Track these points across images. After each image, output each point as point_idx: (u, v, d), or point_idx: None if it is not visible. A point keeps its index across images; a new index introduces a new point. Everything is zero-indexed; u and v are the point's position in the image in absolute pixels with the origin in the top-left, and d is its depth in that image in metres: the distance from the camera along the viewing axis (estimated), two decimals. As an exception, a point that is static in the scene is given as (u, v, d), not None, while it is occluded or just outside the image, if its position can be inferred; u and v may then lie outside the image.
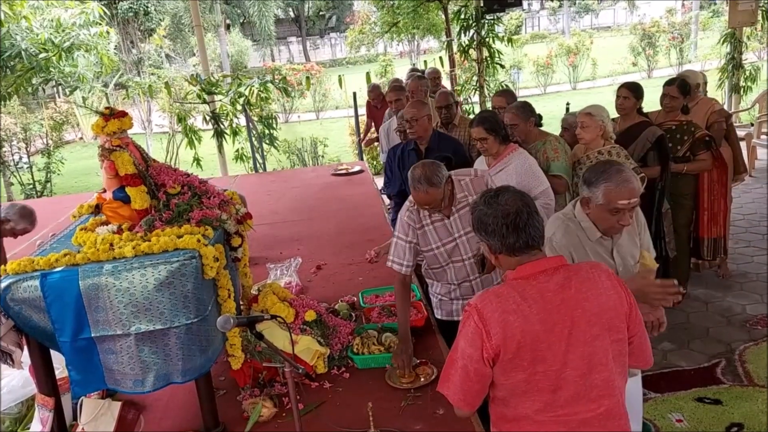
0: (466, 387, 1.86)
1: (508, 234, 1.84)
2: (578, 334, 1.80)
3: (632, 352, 1.95)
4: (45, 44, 8.75)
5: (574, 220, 2.55)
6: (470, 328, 1.82)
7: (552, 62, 18.73)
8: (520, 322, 1.77)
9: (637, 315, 1.93)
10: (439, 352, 3.03)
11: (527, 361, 1.79)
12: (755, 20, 8.85)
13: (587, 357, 1.81)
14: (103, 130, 2.52)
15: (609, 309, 1.85)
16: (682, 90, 4.59)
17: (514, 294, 1.81)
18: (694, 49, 20.40)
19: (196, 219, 2.54)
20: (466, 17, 8.77)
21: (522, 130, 3.89)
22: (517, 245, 1.85)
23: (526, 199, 1.91)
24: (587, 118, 3.92)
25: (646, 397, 3.82)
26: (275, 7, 33.77)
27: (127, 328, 2.27)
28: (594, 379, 1.83)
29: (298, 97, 17.91)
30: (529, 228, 1.84)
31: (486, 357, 1.80)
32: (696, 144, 4.53)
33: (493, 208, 1.88)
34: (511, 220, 1.84)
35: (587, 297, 1.83)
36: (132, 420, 2.69)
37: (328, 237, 5.08)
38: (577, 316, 1.81)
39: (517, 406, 1.86)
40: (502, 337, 1.77)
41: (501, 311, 1.79)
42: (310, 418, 2.59)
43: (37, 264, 2.31)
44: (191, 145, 8.52)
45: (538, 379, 1.80)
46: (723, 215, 4.98)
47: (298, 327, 2.99)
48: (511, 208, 1.85)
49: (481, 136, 3.59)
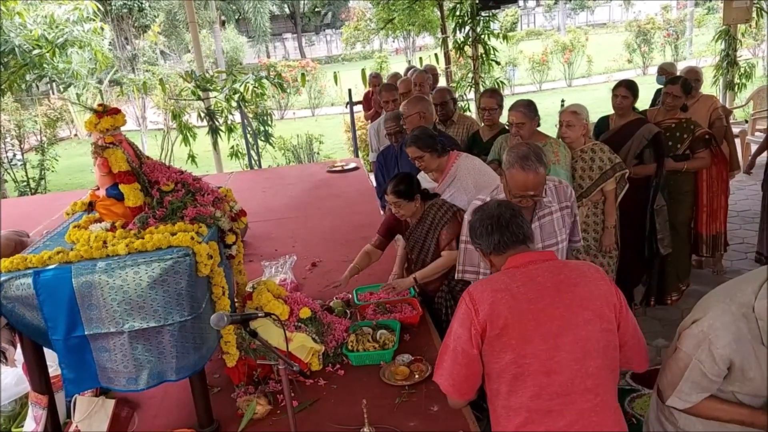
0: (455, 371, 1.91)
1: (493, 232, 2.02)
2: (570, 317, 1.84)
3: (626, 353, 1.96)
4: (38, 41, 8.71)
5: (752, 317, 1.81)
6: (462, 310, 1.93)
7: (547, 59, 18.73)
8: (508, 299, 1.86)
9: (627, 313, 1.96)
10: (434, 349, 3.03)
11: (515, 339, 1.83)
12: (750, 17, 8.86)
13: (580, 341, 1.84)
14: (96, 127, 2.51)
15: (599, 296, 1.91)
16: (685, 89, 4.58)
17: (505, 278, 1.95)
18: (689, 46, 20.46)
19: (190, 216, 2.54)
20: (461, 14, 8.75)
21: (528, 130, 3.84)
22: (501, 242, 2.01)
23: (511, 204, 2.14)
24: (573, 117, 3.92)
25: (639, 393, 3.83)
26: (270, 4, 33.68)
27: (120, 326, 2.26)
28: (589, 366, 1.84)
29: (293, 94, 17.90)
30: (512, 226, 2.01)
31: (474, 334, 1.86)
32: (696, 142, 4.53)
33: (478, 214, 2.11)
34: (495, 220, 2.03)
35: (577, 283, 1.91)
36: (126, 418, 2.69)
37: (323, 234, 5.08)
38: (568, 299, 1.86)
39: (510, 395, 1.86)
40: (489, 312, 1.84)
41: (491, 290, 1.90)
42: (304, 415, 2.59)
43: (30, 262, 2.30)
44: (186, 142, 8.50)
45: (528, 362, 1.82)
46: (723, 211, 4.98)
47: (293, 324, 2.99)
48: (494, 211, 2.06)
49: (417, 155, 3.50)
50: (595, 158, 4.00)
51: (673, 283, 4.86)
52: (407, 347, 3.05)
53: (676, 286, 4.89)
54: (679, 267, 4.85)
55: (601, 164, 3.98)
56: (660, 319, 4.73)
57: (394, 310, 3.35)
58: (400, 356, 2.93)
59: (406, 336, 3.16)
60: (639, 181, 4.37)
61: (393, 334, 3.07)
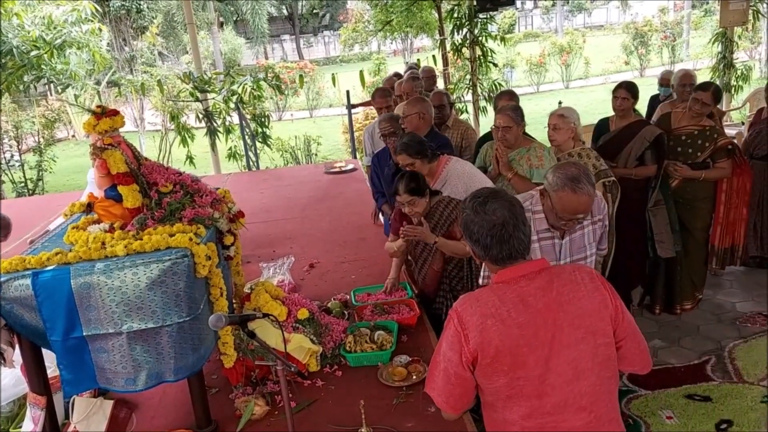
0: (447, 390, 1.84)
1: (492, 245, 1.83)
2: (562, 338, 1.77)
3: (624, 356, 1.90)
4: (36, 41, 8.69)
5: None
6: (451, 332, 1.82)
7: (545, 61, 18.76)
8: (498, 327, 1.75)
9: (625, 318, 1.88)
10: (431, 350, 3.03)
11: (507, 365, 1.76)
12: (746, 20, 8.89)
13: (572, 362, 1.78)
14: (94, 129, 2.52)
15: (593, 312, 1.82)
16: (716, 97, 4.40)
17: (494, 298, 1.80)
18: (686, 48, 20.50)
19: (189, 217, 2.54)
20: (459, 16, 8.78)
21: (514, 134, 3.82)
22: (500, 257, 1.84)
23: (515, 208, 1.86)
24: (560, 120, 3.90)
25: (636, 394, 3.85)
26: (269, 5, 33.65)
27: (118, 327, 2.27)
28: (581, 387, 1.79)
29: (291, 96, 17.89)
30: (513, 240, 1.82)
31: (465, 361, 1.78)
32: (717, 151, 4.36)
33: (479, 216, 1.85)
34: (497, 231, 1.82)
35: (570, 300, 1.81)
36: (124, 419, 2.69)
37: (321, 235, 5.09)
38: (560, 320, 1.78)
39: (504, 410, 1.84)
40: (479, 341, 1.75)
41: (479, 315, 1.77)
42: (302, 416, 2.60)
43: (29, 263, 2.31)
44: (184, 144, 8.50)
45: (521, 384, 1.78)
46: (743, 224, 4.76)
47: (291, 325, 2.99)
48: (498, 219, 1.82)
49: (408, 162, 3.47)
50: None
51: (687, 291, 4.74)
52: (405, 348, 3.05)
53: (691, 294, 4.77)
54: (694, 274, 4.74)
55: None
56: (657, 320, 4.74)
57: (392, 311, 3.36)
58: (398, 357, 2.94)
59: (403, 337, 3.17)
60: (639, 182, 4.35)
61: (391, 335, 3.07)
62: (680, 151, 4.43)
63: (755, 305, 4.83)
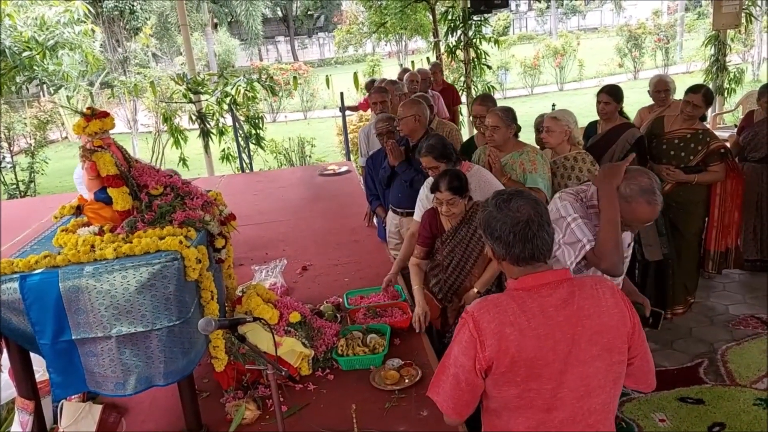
0: (456, 396, 1.78)
1: (515, 243, 1.75)
2: (578, 353, 1.73)
3: (632, 373, 1.86)
4: (29, 42, 8.65)
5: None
6: (465, 337, 1.74)
7: (539, 63, 18.82)
8: (516, 336, 1.69)
9: (639, 335, 1.84)
10: (424, 354, 3.03)
11: (521, 376, 1.72)
12: (739, 23, 8.94)
13: (585, 378, 1.74)
14: (84, 131, 2.50)
15: (611, 329, 1.77)
16: (707, 100, 4.39)
17: (514, 306, 1.73)
18: (679, 50, 20.62)
19: (179, 220, 2.52)
20: (453, 18, 8.80)
21: (502, 135, 3.79)
22: (522, 256, 1.76)
23: (540, 207, 1.79)
24: (552, 123, 3.88)
25: (629, 397, 3.85)
26: (263, 7, 33.65)
27: (108, 331, 2.25)
28: (592, 404, 1.76)
29: (285, 97, 17.87)
30: (537, 240, 1.75)
31: (478, 368, 1.73)
32: (710, 155, 4.36)
33: (503, 213, 1.77)
34: (520, 229, 1.75)
35: (590, 315, 1.75)
36: (113, 423, 2.67)
37: (314, 238, 5.07)
38: (578, 335, 1.73)
39: (509, 420, 1.80)
40: (496, 349, 1.69)
41: (498, 322, 1.71)
42: (293, 420, 2.58)
43: (17, 266, 2.29)
44: (177, 145, 8.47)
45: (531, 396, 1.74)
46: (736, 227, 4.75)
47: (283, 329, 2.98)
48: (522, 216, 1.75)
49: (432, 165, 3.42)
50: (575, 167, 3.89)
51: (679, 295, 4.73)
52: (397, 351, 3.04)
53: (683, 298, 4.77)
54: (687, 278, 4.73)
55: (579, 174, 3.85)
56: (650, 323, 4.73)
57: (385, 315, 3.35)
58: (390, 361, 2.92)
59: (396, 340, 3.16)
60: None
61: (383, 339, 3.06)
62: (673, 155, 4.44)
63: (748, 308, 4.85)
